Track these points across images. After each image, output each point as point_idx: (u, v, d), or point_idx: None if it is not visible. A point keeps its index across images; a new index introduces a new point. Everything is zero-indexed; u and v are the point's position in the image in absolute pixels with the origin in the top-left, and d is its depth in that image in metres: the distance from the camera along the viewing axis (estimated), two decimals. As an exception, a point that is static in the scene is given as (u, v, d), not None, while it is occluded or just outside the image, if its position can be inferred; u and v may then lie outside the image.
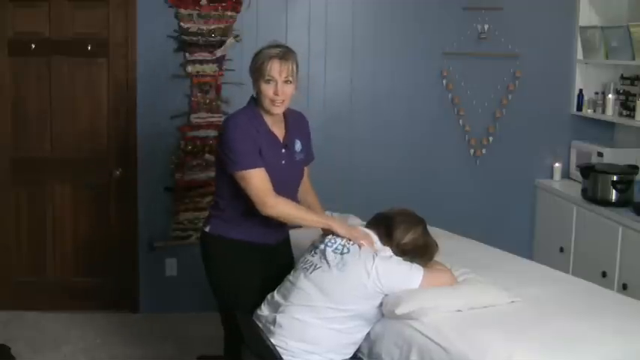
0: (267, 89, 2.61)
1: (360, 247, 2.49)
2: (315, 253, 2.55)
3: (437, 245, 2.61)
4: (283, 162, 2.71)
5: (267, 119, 2.70)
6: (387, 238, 2.55)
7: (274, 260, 2.75)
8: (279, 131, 2.73)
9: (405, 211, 2.63)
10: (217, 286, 2.76)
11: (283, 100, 2.63)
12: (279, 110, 2.65)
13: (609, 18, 4.32)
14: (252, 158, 2.60)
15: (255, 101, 2.71)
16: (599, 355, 2.10)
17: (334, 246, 2.51)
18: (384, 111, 4.44)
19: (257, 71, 2.63)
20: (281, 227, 2.79)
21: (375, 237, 2.57)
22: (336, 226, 2.57)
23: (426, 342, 2.24)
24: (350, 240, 2.52)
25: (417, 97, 4.45)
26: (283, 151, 2.71)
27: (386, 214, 2.63)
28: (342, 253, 2.47)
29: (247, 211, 2.64)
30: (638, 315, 2.39)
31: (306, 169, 2.90)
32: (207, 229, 2.77)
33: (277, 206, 2.59)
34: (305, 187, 2.91)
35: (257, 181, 2.59)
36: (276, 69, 2.59)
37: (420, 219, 2.62)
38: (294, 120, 2.81)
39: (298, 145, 2.78)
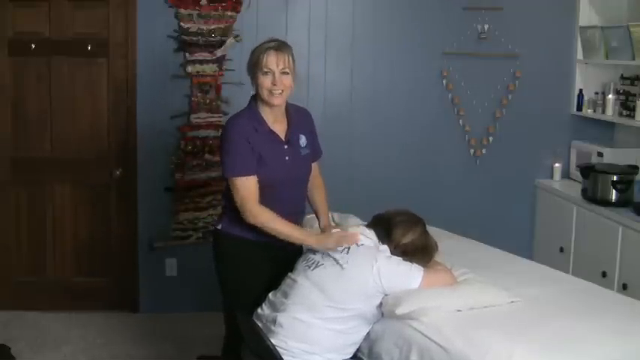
0: (265, 81, 2.63)
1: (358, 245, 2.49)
2: (317, 251, 2.55)
3: (436, 245, 2.62)
4: (287, 158, 2.71)
5: (268, 117, 2.70)
6: (386, 238, 2.55)
7: (284, 259, 2.72)
8: (280, 128, 2.73)
9: (404, 212, 2.64)
10: (225, 283, 2.77)
11: (282, 91, 2.64)
12: (278, 101, 2.66)
13: (609, 18, 4.32)
14: (243, 165, 2.62)
15: (255, 100, 2.72)
16: (599, 355, 2.10)
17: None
18: (383, 110, 4.44)
19: (254, 65, 2.65)
20: None
21: (373, 236, 2.56)
22: (314, 244, 2.56)
23: (426, 342, 2.25)
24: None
25: (417, 97, 4.44)
26: (286, 147, 2.72)
27: (385, 215, 2.63)
28: (344, 252, 2.47)
29: None
30: (638, 315, 2.39)
31: (315, 165, 2.91)
32: (218, 227, 2.79)
33: (259, 217, 2.61)
34: (313, 183, 2.90)
35: (243, 189, 2.61)
36: (272, 60, 2.62)
37: (419, 219, 2.62)
38: (298, 116, 2.81)
39: (303, 141, 2.78)
